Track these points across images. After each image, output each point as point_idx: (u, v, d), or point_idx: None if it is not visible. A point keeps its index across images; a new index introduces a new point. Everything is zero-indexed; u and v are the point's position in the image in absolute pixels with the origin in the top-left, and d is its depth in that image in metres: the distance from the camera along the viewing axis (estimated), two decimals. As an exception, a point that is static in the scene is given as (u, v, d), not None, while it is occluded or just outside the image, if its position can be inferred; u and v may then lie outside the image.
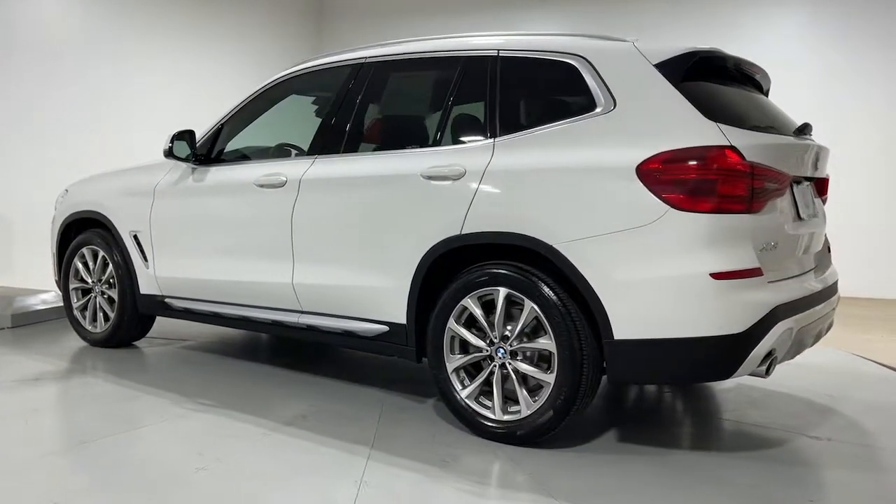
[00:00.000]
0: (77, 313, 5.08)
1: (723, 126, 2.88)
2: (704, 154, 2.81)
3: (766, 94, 3.81)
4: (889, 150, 8.31)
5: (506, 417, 3.17)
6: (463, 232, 3.23)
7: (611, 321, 2.90)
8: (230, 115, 4.39)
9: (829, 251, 3.90)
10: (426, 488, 2.75)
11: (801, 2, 8.62)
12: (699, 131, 2.86)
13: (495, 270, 3.17)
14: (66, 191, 5.27)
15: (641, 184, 2.85)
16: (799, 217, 3.23)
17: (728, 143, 2.82)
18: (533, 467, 2.93)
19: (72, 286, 5.11)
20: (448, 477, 2.84)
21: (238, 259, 4.12)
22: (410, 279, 3.41)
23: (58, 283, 5.27)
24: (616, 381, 3.05)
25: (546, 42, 3.37)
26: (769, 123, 3.28)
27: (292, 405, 3.71)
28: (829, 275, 3.58)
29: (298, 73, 4.21)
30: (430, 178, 3.36)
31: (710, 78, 3.18)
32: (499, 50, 3.45)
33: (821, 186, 3.68)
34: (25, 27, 7.09)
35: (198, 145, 4.36)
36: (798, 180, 3.34)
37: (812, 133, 3.56)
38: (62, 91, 7.36)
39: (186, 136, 4.30)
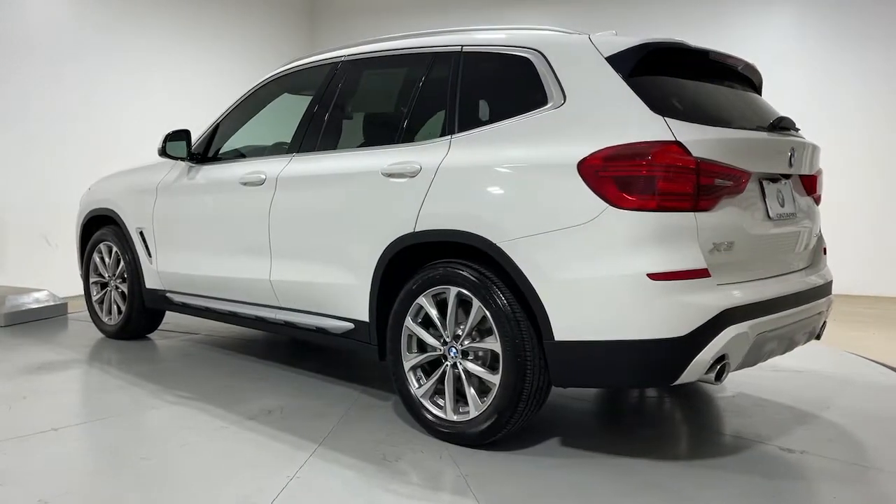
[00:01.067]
0: (96, 305, 5.32)
1: (671, 121, 2.75)
2: (645, 150, 2.70)
3: (756, 88, 3.63)
4: (880, 147, 8.23)
5: (456, 418, 3.13)
6: (416, 229, 3.21)
7: (551, 322, 2.82)
8: (225, 114, 4.50)
9: (825, 252, 3.69)
10: (355, 486, 2.74)
11: (791, 1, 8.55)
12: (644, 126, 2.75)
13: (446, 269, 3.12)
14: (89, 188, 5.50)
15: (582, 181, 2.76)
16: (769, 216, 3.06)
17: (672, 139, 2.70)
18: (471, 469, 2.87)
19: (91, 280, 5.34)
20: (382, 476, 2.82)
21: (225, 255, 4.22)
22: (371, 277, 3.40)
23: (82, 276, 5.50)
24: (559, 384, 2.95)
25: (506, 37, 3.30)
26: (737, 118, 3.13)
27: (264, 399, 3.76)
28: (816, 277, 3.38)
29: (286, 73, 4.28)
30: (389, 175, 3.35)
31: (669, 71, 3.04)
32: (462, 46, 3.41)
33: (809, 184, 3.47)
34: (14, 26, 6.78)
35: (195, 144, 4.49)
36: (774, 178, 3.17)
37: (794, 128, 3.37)
38: (53, 90, 7.11)
39: (182, 135, 4.42)
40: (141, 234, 4.82)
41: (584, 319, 2.77)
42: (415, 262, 3.30)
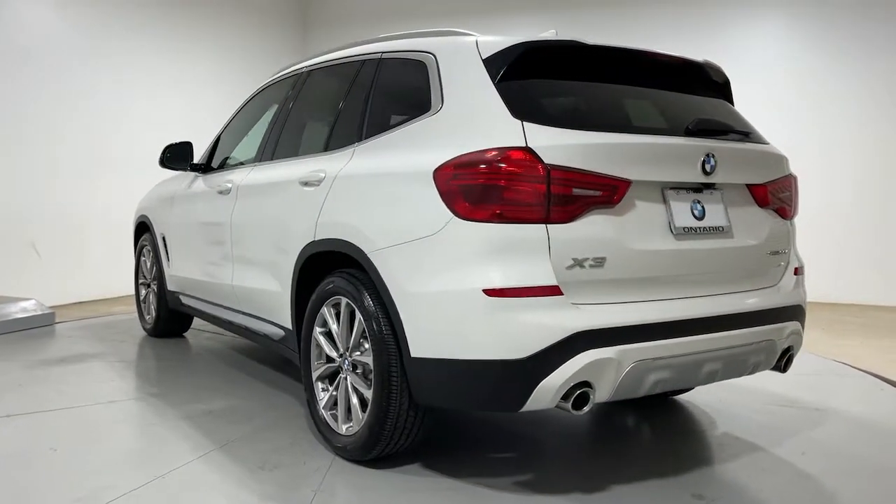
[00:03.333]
0: (141, 305, 5.76)
1: (531, 125, 2.54)
2: (489, 157, 2.51)
3: (715, 88, 3.27)
4: (870, 154, 8.24)
5: (343, 431, 3.07)
6: (315, 238, 3.20)
7: (407, 337, 2.70)
8: (225, 126, 4.72)
9: (797, 272, 3.23)
10: (206, 489, 2.77)
11: (782, 8, 8.64)
12: (498, 132, 2.57)
13: (336, 280, 3.08)
14: (142, 198, 5.96)
15: (435, 190, 2.63)
16: (671, 230, 2.73)
17: (522, 144, 2.50)
18: (333, 484, 2.81)
19: (140, 282, 5.79)
20: (242, 482, 2.82)
21: (206, 259, 4.42)
22: (291, 284, 3.43)
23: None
24: (421, 402, 2.79)
25: (411, 42, 3.22)
26: (638, 121, 2.83)
27: (216, 400, 3.89)
28: (761, 300, 2.97)
29: (268, 85, 4.43)
30: (304, 183, 3.37)
31: (554, 71, 2.81)
32: (382, 53, 3.36)
33: (760, 195, 3.05)
34: (6, 33, 6.72)
35: (202, 155, 4.75)
36: (695, 187, 2.83)
37: (730, 132, 2.98)
38: (45, 97, 7.01)
39: (185, 146, 4.68)
40: (164, 239, 5.16)
41: (433, 336, 2.63)
42: (324, 271, 3.28)
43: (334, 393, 3.15)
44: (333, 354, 3.15)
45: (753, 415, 3.77)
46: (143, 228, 5.67)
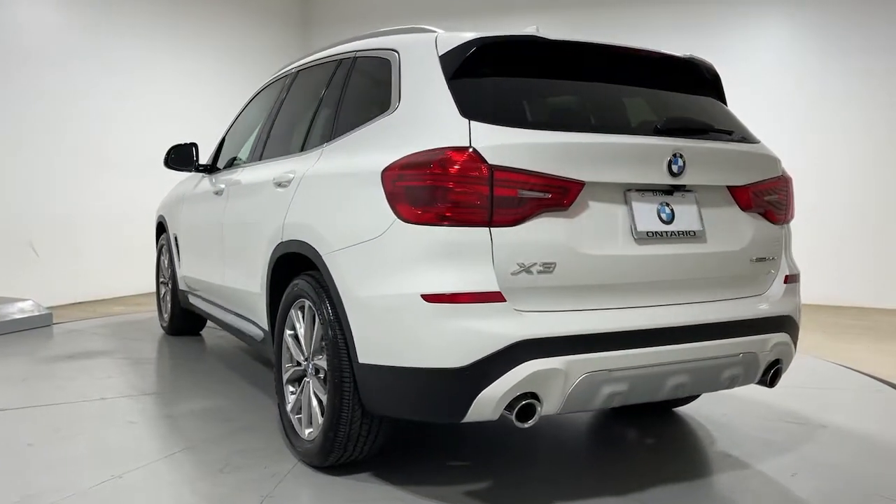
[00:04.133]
0: (161, 304, 5.87)
1: (479, 125, 2.44)
2: (431, 158, 2.42)
3: (700, 86, 3.09)
4: (872, 156, 8.09)
5: (306, 436, 3.02)
6: (283, 239, 3.16)
7: (355, 341, 2.63)
8: (230, 126, 4.74)
9: (789, 280, 3.02)
10: (157, 489, 2.76)
11: (781, 8, 8.50)
12: (444, 132, 2.47)
13: (300, 282, 3.04)
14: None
15: (382, 191, 2.55)
16: (633, 234, 2.58)
17: (465, 144, 2.40)
18: (287, 491, 2.76)
19: (160, 280, 5.90)
20: (198, 485, 2.80)
21: (207, 260, 4.45)
22: (265, 285, 3.41)
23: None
24: (370, 410, 2.71)
25: (383, 40, 3.14)
26: (601, 119, 2.70)
27: (205, 399, 3.91)
28: (738, 310, 2.79)
29: (264, 87, 4.43)
30: (278, 184, 3.34)
31: (512, 68, 2.69)
32: (356, 52, 3.31)
33: (742, 197, 2.86)
34: (3, 33, 6.63)
35: (209, 156, 4.79)
36: (664, 189, 2.67)
37: (706, 130, 2.80)
38: (40, 95, 6.90)
39: (189, 147, 4.72)
40: (175, 239, 5.24)
41: (377, 342, 2.55)
42: (294, 273, 3.24)
43: (300, 397, 3.11)
44: (300, 358, 3.11)
45: (752, 430, 3.55)
46: (161, 228, 5.77)
